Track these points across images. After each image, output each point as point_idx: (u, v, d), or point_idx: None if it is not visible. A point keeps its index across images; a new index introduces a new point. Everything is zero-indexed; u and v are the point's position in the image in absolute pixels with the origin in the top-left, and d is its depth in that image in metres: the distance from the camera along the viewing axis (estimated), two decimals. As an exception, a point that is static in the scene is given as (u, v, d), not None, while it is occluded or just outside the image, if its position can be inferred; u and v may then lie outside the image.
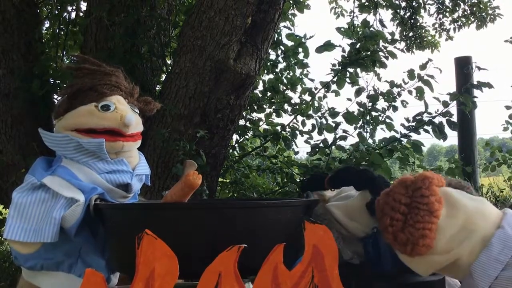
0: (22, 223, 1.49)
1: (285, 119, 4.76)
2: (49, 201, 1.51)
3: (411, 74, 3.63)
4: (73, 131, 1.62)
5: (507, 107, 4.11)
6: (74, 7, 3.89)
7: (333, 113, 3.77)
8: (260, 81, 4.33)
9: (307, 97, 4.07)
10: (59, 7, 3.82)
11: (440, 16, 6.47)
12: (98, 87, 1.66)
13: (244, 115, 4.02)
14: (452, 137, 4.79)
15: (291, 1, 4.45)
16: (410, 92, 3.65)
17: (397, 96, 3.70)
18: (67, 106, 1.65)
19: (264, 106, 4.28)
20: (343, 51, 3.81)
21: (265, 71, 4.37)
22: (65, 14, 3.90)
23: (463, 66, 4.60)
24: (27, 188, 1.54)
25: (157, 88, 3.61)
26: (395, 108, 3.69)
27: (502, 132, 4.21)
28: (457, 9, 6.31)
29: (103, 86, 1.67)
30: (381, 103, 3.77)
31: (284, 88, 4.29)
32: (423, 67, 3.61)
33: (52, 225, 1.47)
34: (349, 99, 3.79)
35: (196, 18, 3.06)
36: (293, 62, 4.31)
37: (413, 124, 3.57)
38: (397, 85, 3.70)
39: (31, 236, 1.49)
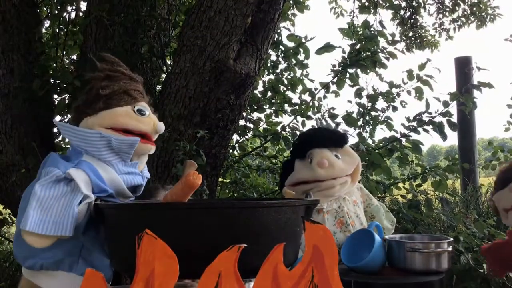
0: (43, 215, 1.50)
1: (285, 119, 4.76)
2: (69, 194, 1.53)
3: (410, 74, 3.63)
4: (108, 129, 1.66)
5: (509, 106, 4.09)
6: (74, 7, 3.89)
7: (333, 115, 3.77)
8: (260, 82, 4.33)
9: (307, 97, 4.07)
10: (59, 7, 3.82)
11: (440, 16, 6.47)
12: (131, 91, 1.74)
13: (244, 115, 4.01)
14: (453, 138, 4.79)
15: (291, 1, 4.45)
16: (409, 92, 3.65)
17: (396, 97, 3.70)
18: (103, 105, 1.69)
19: (264, 106, 4.28)
20: (343, 52, 3.82)
21: (266, 72, 4.37)
22: (65, 14, 3.90)
23: (463, 66, 4.60)
24: (52, 181, 1.54)
25: (157, 88, 3.61)
26: (394, 108, 3.69)
27: (502, 132, 4.21)
28: (457, 9, 6.31)
29: (134, 91, 1.75)
30: (381, 103, 3.78)
31: (285, 88, 4.28)
32: (421, 67, 3.61)
33: (71, 218, 1.49)
34: (349, 101, 3.80)
35: (196, 18, 3.06)
36: (294, 63, 4.31)
37: (414, 123, 3.58)
38: (396, 86, 3.71)
39: (50, 229, 1.49)
